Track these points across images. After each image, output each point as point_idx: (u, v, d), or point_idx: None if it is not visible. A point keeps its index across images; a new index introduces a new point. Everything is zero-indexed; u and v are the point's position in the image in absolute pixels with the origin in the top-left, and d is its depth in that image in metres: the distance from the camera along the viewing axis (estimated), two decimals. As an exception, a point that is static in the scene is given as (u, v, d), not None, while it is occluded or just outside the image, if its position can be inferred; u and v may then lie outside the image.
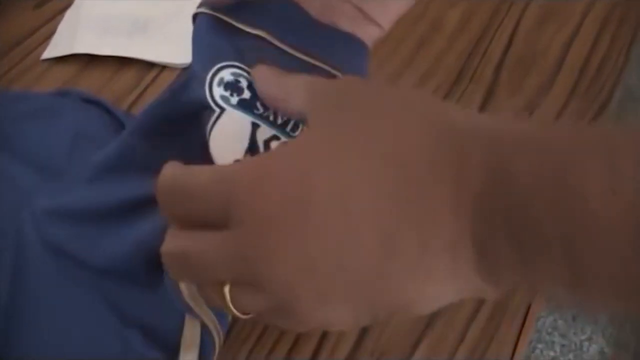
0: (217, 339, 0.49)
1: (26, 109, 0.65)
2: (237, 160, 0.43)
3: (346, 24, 0.49)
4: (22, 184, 0.55)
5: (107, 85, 0.70)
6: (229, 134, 0.44)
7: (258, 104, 0.43)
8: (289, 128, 0.44)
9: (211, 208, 0.35)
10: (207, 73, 0.44)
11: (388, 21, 0.50)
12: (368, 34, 0.50)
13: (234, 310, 0.36)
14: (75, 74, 0.72)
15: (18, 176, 0.56)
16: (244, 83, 0.44)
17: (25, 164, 0.58)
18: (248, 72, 0.44)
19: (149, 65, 0.72)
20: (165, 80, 0.70)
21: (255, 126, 0.43)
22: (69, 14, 0.78)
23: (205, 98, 0.44)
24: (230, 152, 0.43)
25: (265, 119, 0.44)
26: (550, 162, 0.30)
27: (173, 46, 0.72)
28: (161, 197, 0.37)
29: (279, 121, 0.44)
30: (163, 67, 0.72)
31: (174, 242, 0.37)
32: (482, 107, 0.67)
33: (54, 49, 0.74)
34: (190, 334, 0.48)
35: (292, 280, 0.33)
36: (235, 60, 0.44)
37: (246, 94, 0.44)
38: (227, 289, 0.36)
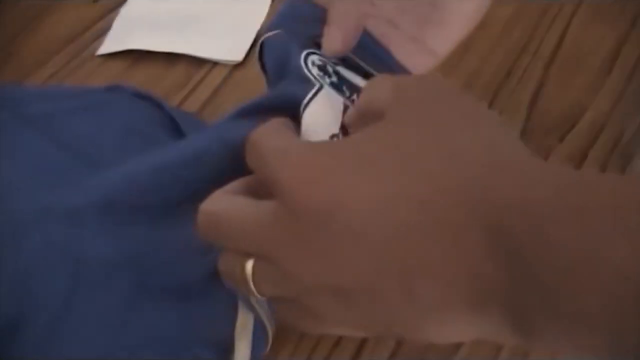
0: (270, 330, 0.49)
1: (78, 103, 0.66)
2: (334, 135, 0.44)
3: (399, 53, 0.49)
4: (72, 177, 0.56)
5: (158, 80, 0.71)
6: (325, 112, 0.45)
7: (344, 88, 0.46)
8: None
9: (261, 177, 0.37)
10: (298, 55, 0.46)
11: (445, 49, 0.50)
12: (422, 64, 0.50)
13: (252, 287, 0.37)
14: (127, 69, 0.73)
15: (67, 169, 0.57)
16: (330, 68, 0.46)
17: (74, 157, 0.59)
18: (334, 62, 0.47)
19: (200, 61, 0.73)
20: (217, 77, 0.71)
21: (345, 107, 0.45)
22: (124, 9, 0.80)
23: (303, 71, 0.46)
24: (324, 129, 0.44)
25: (352, 102, 0.45)
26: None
27: (224, 42, 0.73)
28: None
29: None
30: (214, 64, 0.73)
31: (214, 202, 0.38)
32: (531, 106, 0.66)
33: (109, 44, 0.76)
34: (243, 325, 0.48)
35: (313, 275, 0.34)
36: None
37: (334, 78, 0.46)
38: (250, 264, 0.36)
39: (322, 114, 0.44)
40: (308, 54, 0.46)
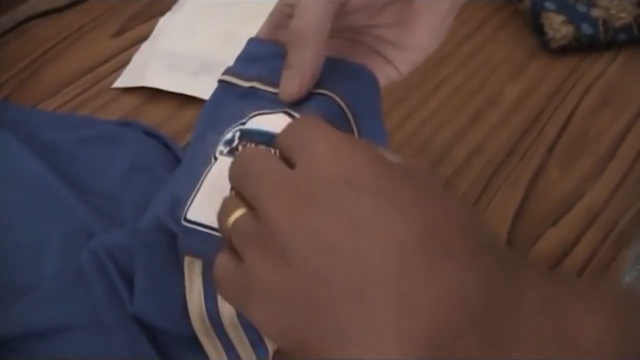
0: None
1: (89, 134, 0.68)
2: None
3: (362, 61, 0.51)
4: (77, 212, 0.57)
5: (168, 120, 0.73)
6: (216, 180, 0.46)
7: (239, 147, 0.47)
8: None
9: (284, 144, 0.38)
10: (219, 135, 0.48)
11: (404, 66, 0.52)
12: (384, 74, 0.52)
13: (226, 228, 0.37)
14: (139, 106, 0.75)
15: (73, 202, 0.58)
16: (236, 135, 0.47)
17: (80, 189, 0.60)
18: (243, 123, 0.48)
19: (212, 105, 0.74)
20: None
21: None
22: (144, 46, 0.81)
23: (210, 157, 0.48)
24: (218, 195, 0.45)
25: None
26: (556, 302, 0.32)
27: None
28: None
29: None
30: (224, 109, 0.74)
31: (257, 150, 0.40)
32: (530, 187, 0.67)
33: (125, 79, 0.78)
34: None
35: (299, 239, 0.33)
36: (239, 119, 0.48)
37: (235, 143, 0.47)
38: (240, 211, 0.37)
39: (214, 182, 0.46)
40: (226, 133, 0.48)
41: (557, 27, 0.79)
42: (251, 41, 0.53)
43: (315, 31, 0.45)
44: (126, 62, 0.79)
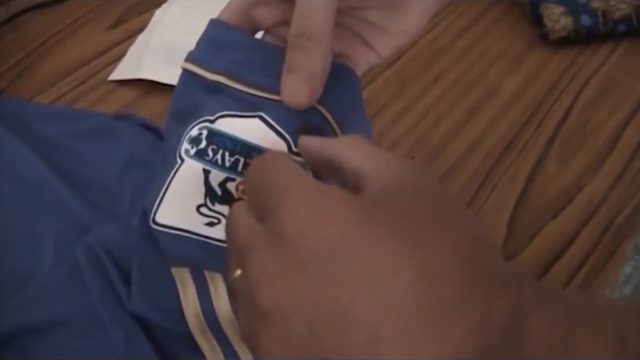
0: None
1: (85, 127, 0.67)
2: (200, 205, 0.45)
3: (342, 46, 0.49)
4: (73, 206, 0.57)
5: (166, 113, 0.72)
6: (186, 183, 0.45)
7: (209, 151, 0.45)
8: (239, 168, 0.45)
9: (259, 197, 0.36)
10: (184, 129, 0.47)
11: (386, 51, 0.50)
12: (364, 58, 0.50)
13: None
14: (137, 98, 0.74)
15: (69, 196, 0.58)
16: (204, 134, 0.46)
17: (76, 183, 0.60)
18: (211, 122, 0.46)
19: (209, 98, 0.73)
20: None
21: (206, 172, 0.45)
22: (140, 38, 0.81)
23: (175, 154, 0.46)
24: (189, 199, 0.45)
25: (214, 163, 0.45)
26: (562, 328, 0.31)
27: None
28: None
29: (227, 164, 0.45)
30: (222, 102, 0.73)
31: (234, 215, 0.37)
32: (529, 180, 0.67)
33: (122, 71, 0.77)
34: None
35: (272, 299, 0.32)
36: (205, 114, 0.46)
37: (202, 144, 0.46)
38: (237, 273, 0.36)
39: (183, 188, 0.45)
40: (191, 128, 0.46)
41: (557, 18, 0.79)
42: (214, 23, 0.50)
43: (325, 33, 0.42)
44: (122, 55, 0.79)
